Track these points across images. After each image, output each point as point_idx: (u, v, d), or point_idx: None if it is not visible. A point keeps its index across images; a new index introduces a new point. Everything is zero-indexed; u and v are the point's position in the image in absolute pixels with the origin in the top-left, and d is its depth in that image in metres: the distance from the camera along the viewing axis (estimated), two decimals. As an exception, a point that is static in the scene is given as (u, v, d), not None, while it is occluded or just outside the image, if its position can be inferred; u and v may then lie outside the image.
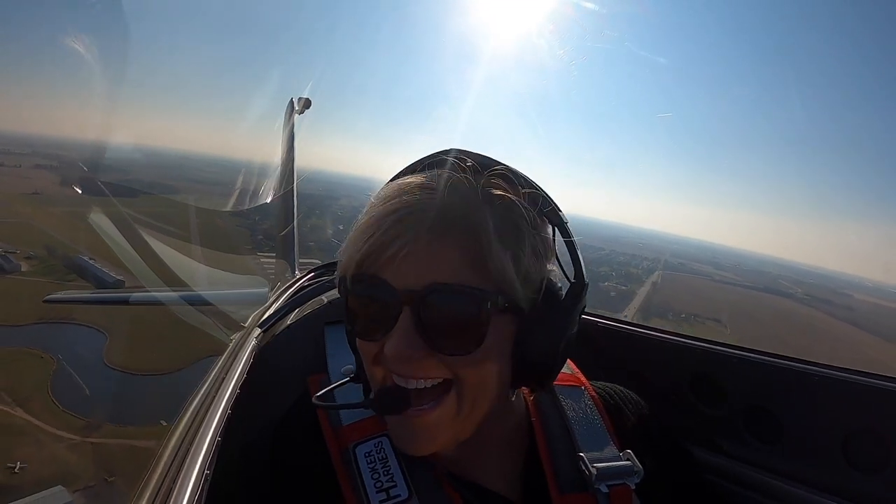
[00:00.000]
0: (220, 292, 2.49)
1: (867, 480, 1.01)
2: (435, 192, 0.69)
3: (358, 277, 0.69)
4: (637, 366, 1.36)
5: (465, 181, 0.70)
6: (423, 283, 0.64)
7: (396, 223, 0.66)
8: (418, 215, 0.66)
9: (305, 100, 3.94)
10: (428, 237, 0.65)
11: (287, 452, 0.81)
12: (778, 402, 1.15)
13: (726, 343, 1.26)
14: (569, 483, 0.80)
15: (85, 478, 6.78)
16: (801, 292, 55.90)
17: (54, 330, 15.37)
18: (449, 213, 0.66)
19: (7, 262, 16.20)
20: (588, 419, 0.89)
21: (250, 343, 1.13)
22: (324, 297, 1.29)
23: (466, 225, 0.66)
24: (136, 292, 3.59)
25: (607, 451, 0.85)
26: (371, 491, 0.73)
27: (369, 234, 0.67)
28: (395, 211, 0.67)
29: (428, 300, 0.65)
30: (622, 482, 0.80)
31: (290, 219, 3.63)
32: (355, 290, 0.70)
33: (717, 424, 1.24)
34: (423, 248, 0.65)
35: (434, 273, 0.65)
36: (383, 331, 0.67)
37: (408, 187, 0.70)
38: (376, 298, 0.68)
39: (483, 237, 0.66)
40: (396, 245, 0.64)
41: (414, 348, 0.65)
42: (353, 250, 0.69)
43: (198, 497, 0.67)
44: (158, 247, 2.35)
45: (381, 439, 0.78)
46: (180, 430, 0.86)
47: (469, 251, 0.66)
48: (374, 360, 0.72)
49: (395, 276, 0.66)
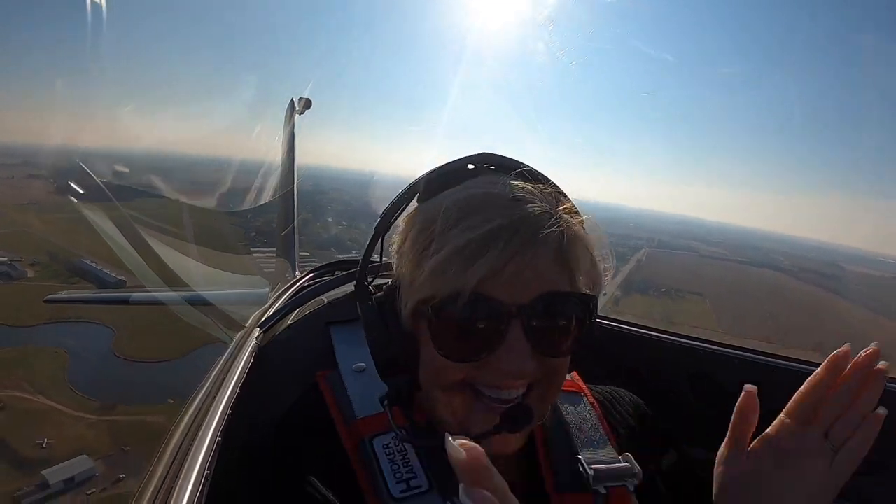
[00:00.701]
0: (220, 292, 2.49)
1: (867, 481, 1.01)
2: (525, 204, 0.69)
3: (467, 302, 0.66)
4: (636, 366, 1.36)
5: (539, 191, 0.73)
6: (532, 295, 0.67)
7: (496, 237, 0.65)
8: (522, 231, 0.67)
9: (306, 100, 3.95)
10: (532, 251, 0.67)
11: (296, 445, 0.81)
12: (778, 402, 1.15)
13: (726, 343, 1.27)
14: (567, 483, 0.81)
15: (104, 449, 7.80)
16: (789, 264, 56.02)
17: (65, 328, 16.23)
18: (544, 226, 0.68)
19: (14, 270, 17.25)
20: (586, 422, 0.90)
21: (250, 343, 1.13)
22: (324, 297, 1.29)
23: (557, 235, 0.69)
24: (137, 292, 3.59)
25: (606, 453, 0.86)
26: (391, 482, 0.73)
27: (478, 254, 0.65)
28: (494, 227, 0.66)
29: (537, 310, 0.67)
30: (621, 484, 0.81)
31: (290, 219, 3.63)
32: (463, 314, 0.67)
33: (716, 425, 1.24)
34: (529, 261, 0.67)
35: (539, 284, 0.67)
36: (487, 349, 0.67)
37: (497, 200, 0.69)
38: (483, 317, 0.67)
39: (572, 245, 0.70)
40: (512, 264, 0.65)
41: (528, 358, 0.67)
42: (453, 275, 0.66)
43: (198, 497, 0.67)
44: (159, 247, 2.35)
45: (399, 432, 0.78)
46: (180, 430, 0.87)
47: (558, 257, 0.69)
48: (459, 382, 0.71)
49: (501, 292, 0.66)
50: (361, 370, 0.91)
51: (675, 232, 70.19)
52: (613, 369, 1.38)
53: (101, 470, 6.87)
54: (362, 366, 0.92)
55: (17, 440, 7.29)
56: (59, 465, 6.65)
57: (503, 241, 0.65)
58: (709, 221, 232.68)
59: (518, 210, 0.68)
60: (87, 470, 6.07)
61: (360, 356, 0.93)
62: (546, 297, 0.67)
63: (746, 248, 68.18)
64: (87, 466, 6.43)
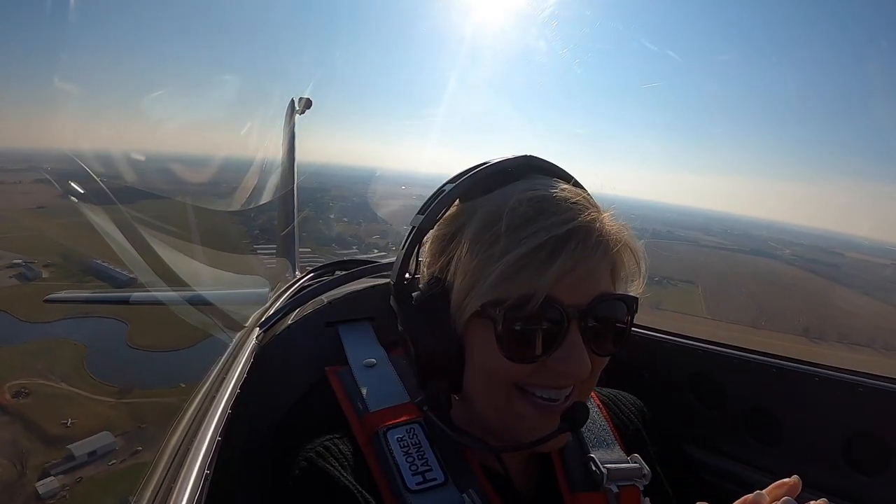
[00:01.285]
0: (221, 292, 2.49)
1: (868, 482, 1.01)
2: (584, 209, 0.71)
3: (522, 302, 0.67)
4: (637, 366, 1.36)
5: (588, 197, 0.76)
6: (588, 297, 0.69)
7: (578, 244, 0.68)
8: (589, 235, 0.69)
9: (306, 100, 3.94)
10: (595, 255, 0.69)
11: (304, 439, 0.80)
12: (778, 403, 1.14)
13: (726, 343, 1.26)
14: (580, 482, 0.82)
15: (123, 426, 8.94)
16: (789, 253, 55.68)
17: (80, 323, 17.51)
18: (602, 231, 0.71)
19: (30, 271, 18.45)
20: (595, 422, 0.91)
21: (250, 343, 1.13)
22: (324, 297, 1.29)
23: (611, 240, 0.72)
24: (137, 292, 3.61)
25: (615, 453, 0.87)
26: (406, 473, 0.73)
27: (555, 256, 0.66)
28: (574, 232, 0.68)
29: (592, 312, 0.69)
30: (631, 483, 0.82)
31: (290, 219, 3.64)
32: (534, 314, 0.67)
33: (717, 425, 1.24)
34: (590, 266, 0.70)
35: (593, 287, 0.70)
36: (547, 350, 0.69)
37: (563, 203, 0.71)
38: (545, 320, 0.69)
39: (623, 250, 0.73)
40: (580, 267, 0.68)
41: (586, 360, 0.70)
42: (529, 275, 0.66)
43: (198, 497, 0.67)
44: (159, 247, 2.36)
45: (413, 426, 0.78)
46: (180, 430, 0.87)
47: (610, 262, 0.73)
48: (514, 383, 0.72)
49: (566, 296, 0.68)
50: (372, 365, 0.92)
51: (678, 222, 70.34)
52: (613, 369, 1.37)
53: (121, 444, 8.00)
54: (373, 361, 0.93)
55: (45, 420, 8.34)
56: (83, 440, 7.71)
57: (576, 242, 0.67)
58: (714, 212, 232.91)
59: (583, 214, 0.70)
60: (109, 444, 7.21)
61: (370, 353, 0.95)
62: (600, 300, 0.70)
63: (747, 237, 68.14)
64: (109, 441, 7.56)
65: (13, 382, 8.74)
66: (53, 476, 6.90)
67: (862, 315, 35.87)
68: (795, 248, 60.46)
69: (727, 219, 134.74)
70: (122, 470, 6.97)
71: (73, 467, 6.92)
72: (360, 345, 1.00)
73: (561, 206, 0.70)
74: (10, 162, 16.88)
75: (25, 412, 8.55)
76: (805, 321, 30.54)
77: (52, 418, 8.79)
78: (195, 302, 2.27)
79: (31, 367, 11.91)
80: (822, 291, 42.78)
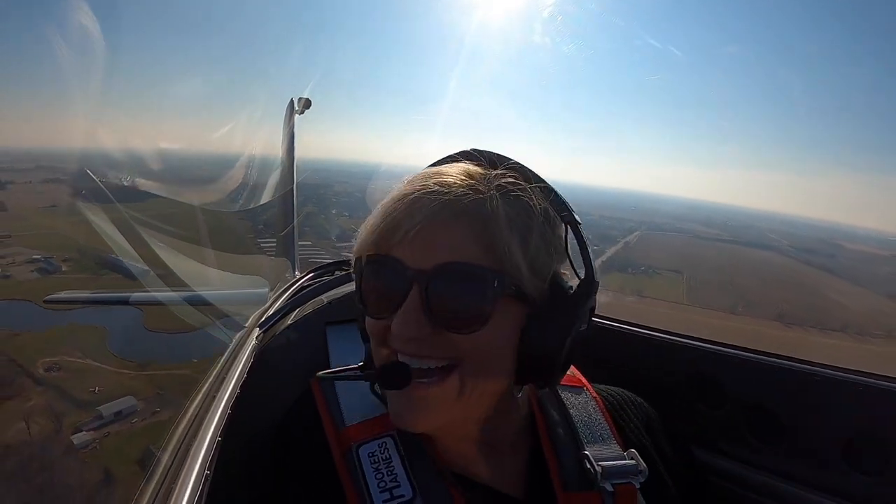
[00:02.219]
0: (221, 292, 2.49)
1: (868, 482, 1.01)
2: (448, 178, 0.72)
3: (372, 258, 0.72)
4: (637, 366, 1.36)
5: (477, 170, 0.75)
6: (434, 262, 0.67)
7: (410, 205, 0.69)
8: (431, 198, 0.69)
9: (306, 100, 3.93)
10: (440, 219, 0.68)
11: (288, 452, 0.81)
12: (779, 402, 1.14)
13: (726, 343, 1.26)
14: (574, 481, 0.80)
15: (143, 393, 10.58)
16: (786, 244, 56.51)
17: (99, 310, 18.95)
18: (460, 197, 0.69)
19: (49, 265, 19.56)
20: (591, 418, 0.89)
21: (250, 343, 1.13)
22: (324, 297, 1.29)
23: (477, 208, 0.69)
24: (137, 292, 3.62)
25: (611, 449, 0.84)
26: (374, 491, 0.72)
27: (384, 216, 0.71)
28: (409, 194, 0.70)
29: (437, 278, 0.67)
30: (627, 481, 0.80)
31: (290, 219, 3.64)
32: (368, 269, 0.72)
33: (717, 425, 1.24)
34: (435, 229, 0.68)
35: (445, 253, 0.67)
36: (392, 309, 0.69)
37: (422, 176, 0.73)
38: (387, 277, 0.70)
39: (492, 220, 0.69)
40: (408, 225, 0.67)
41: (420, 325, 0.67)
42: (367, 233, 0.73)
43: (198, 497, 0.67)
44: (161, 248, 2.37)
45: (385, 440, 0.78)
46: (180, 430, 0.87)
47: (478, 233, 0.68)
48: (381, 341, 0.73)
49: (407, 256, 0.68)
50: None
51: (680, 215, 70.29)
52: (613, 369, 1.37)
53: (142, 406, 9.81)
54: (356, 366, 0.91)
55: (75, 389, 9.74)
56: (109, 403, 9.15)
57: (404, 204, 0.69)
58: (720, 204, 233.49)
59: (433, 183, 0.70)
60: (131, 406, 9.28)
61: (355, 357, 0.92)
62: (448, 266, 0.67)
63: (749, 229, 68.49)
64: (132, 404, 9.87)
65: (45, 360, 10.40)
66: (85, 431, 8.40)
67: (845, 303, 36.51)
68: (795, 240, 60.77)
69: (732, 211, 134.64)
70: (144, 427, 8.57)
71: (101, 424, 8.45)
72: (347, 349, 0.99)
73: (416, 177, 0.73)
74: (17, 161, 18.52)
75: (58, 382, 10.22)
76: (784, 308, 31.04)
77: (81, 387, 10.47)
78: (195, 302, 2.27)
79: (59, 348, 13.70)
80: (811, 281, 43.39)
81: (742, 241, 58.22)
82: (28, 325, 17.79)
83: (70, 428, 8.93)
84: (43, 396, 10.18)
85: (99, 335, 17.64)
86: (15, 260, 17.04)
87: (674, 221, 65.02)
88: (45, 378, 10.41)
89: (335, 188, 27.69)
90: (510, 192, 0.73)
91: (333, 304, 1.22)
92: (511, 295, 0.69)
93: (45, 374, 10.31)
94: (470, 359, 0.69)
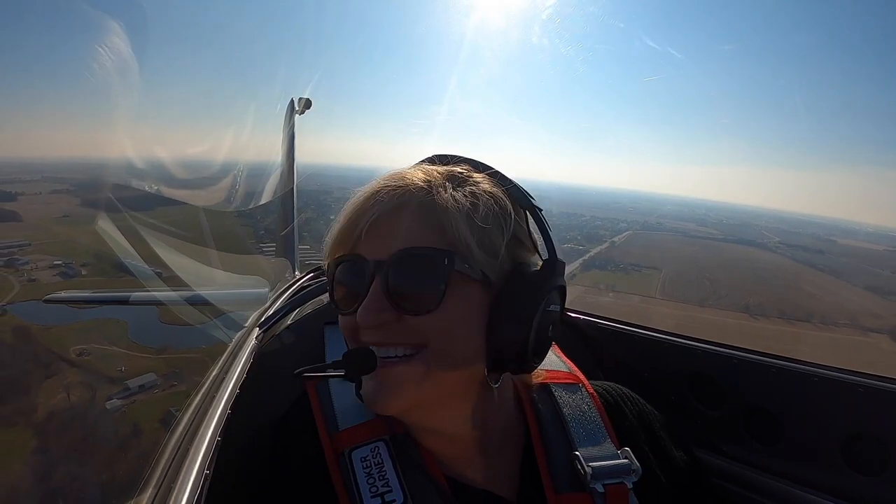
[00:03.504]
0: (221, 292, 2.49)
1: (867, 482, 1.01)
2: (400, 175, 0.77)
3: (337, 259, 0.76)
4: (637, 366, 1.36)
5: (431, 167, 0.79)
6: (390, 251, 0.71)
7: (364, 203, 0.74)
8: (382, 194, 0.74)
9: (306, 100, 3.94)
10: (392, 211, 0.72)
11: (283, 455, 0.81)
12: (778, 403, 1.15)
13: (726, 343, 1.26)
14: (565, 482, 0.80)
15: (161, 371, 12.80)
16: (777, 241, 57.38)
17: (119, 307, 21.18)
18: (409, 188, 0.74)
19: (70, 270, 21.78)
20: (585, 416, 0.88)
21: (250, 343, 1.13)
22: (324, 297, 1.29)
23: (425, 196, 0.73)
24: (137, 292, 3.62)
25: (604, 448, 0.84)
26: (366, 496, 0.73)
27: (345, 218, 0.76)
28: (365, 194, 0.76)
29: (393, 266, 0.70)
30: (619, 481, 0.79)
31: (290, 219, 3.64)
32: (335, 269, 0.76)
33: (716, 425, 1.24)
34: (389, 220, 0.72)
35: (399, 242, 0.71)
36: (359, 303, 0.72)
37: (378, 179, 0.78)
38: (352, 273, 0.74)
39: (439, 204, 0.72)
40: (363, 221, 0.72)
41: (380, 312, 0.70)
42: (331, 237, 0.78)
43: (198, 497, 0.67)
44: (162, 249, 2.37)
45: (378, 444, 0.78)
46: (180, 430, 0.87)
47: (427, 219, 0.72)
48: (353, 337, 0.76)
49: (367, 251, 0.73)
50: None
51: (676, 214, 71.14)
52: (613, 369, 1.38)
53: (161, 381, 11.95)
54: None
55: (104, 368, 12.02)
56: (135, 378, 11.35)
57: (357, 204, 0.75)
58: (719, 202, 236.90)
59: (392, 181, 0.75)
60: (152, 381, 10.66)
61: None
62: (401, 253, 0.70)
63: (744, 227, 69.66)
64: (153, 379, 11.22)
65: (76, 347, 13.06)
66: (116, 399, 10.85)
67: (819, 295, 37.68)
68: (788, 237, 61.70)
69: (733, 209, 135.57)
70: (164, 396, 10.82)
71: (129, 395, 10.83)
72: (343, 349, 0.99)
73: (377, 182, 0.77)
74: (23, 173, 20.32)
75: (89, 364, 12.80)
76: (752, 301, 31.98)
77: (109, 367, 13.06)
78: (195, 302, 2.27)
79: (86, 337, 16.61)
80: (790, 275, 44.40)
81: (733, 238, 59.25)
82: (58, 321, 20.17)
83: (103, 398, 11.47)
84: (77, 375, 12.60)
85: (121, 327, 20.36)
86: (38, 265, 18.99)
87: (669, 221, 65.79)
88: (78, 361, 12.87)
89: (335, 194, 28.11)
90: (458, 179, 0.77)
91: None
92: (466, 274, 0.70)
93: (78, 357, 12.79)
94: (434, 342, 0.71)
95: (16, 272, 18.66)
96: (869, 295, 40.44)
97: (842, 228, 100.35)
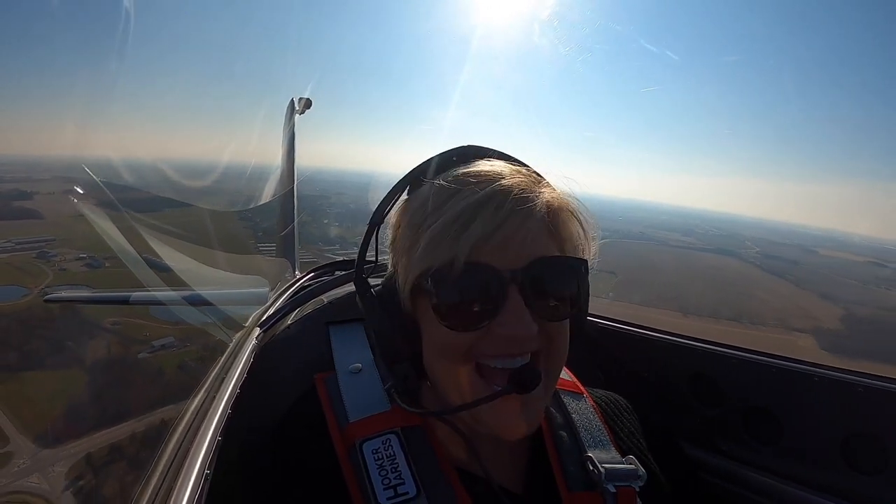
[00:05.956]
0: (221, 292, 2.48)
1: (866, 482, 1.01)
2: (509, 179, 0.72)
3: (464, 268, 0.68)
4: (637, 366, 1.36)
5: (518, 168, 0.76)
6: (525, 260, 0.68)
7: (480, 208, 0.68)
8: (510, 198, 0.69)
9: (306, 100, 3.94)
10: (521, 218, 0.69)
11: (291, 450, 0.81)
12: (777, 402, 1.15)
13: (726, 343, 1.26)
14: (577, 481, 0.81)
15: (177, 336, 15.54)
16: (755, 251, 59.00)
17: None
18: (530, 196, 0.70)
19: (95, 262, 23.80)
20: (591, 424, 0.90)
21: (250, 343, 1.13)
22: (324, 297, 1.29)
23: (544, 205, 0.71)
24: (137, 292, 3.62)
25: (611, 454, 0.86)
26: (378, 488, 0.72)
27: (470, 221, 0.68)
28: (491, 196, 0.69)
29: (531, 274, 0.68)
30: (628, 484, 0.81)
31: (290, 219, 3.64)
32: (461, 281, 0.68)
33: (716, 425, 1.24)
34: (519, 228, 0.69)
35: (531, 250, 0.69)
36: (489, 317, 0.68)
37: (484, 176, 0.73)
38: (480, 284, 0.68)
39: (560, 214, 0.73)
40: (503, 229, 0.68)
41: (528, 322, 0.67)
42: (448, 243, 0.68)
43: (198, 497, 0.67)
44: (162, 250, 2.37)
45: (389, 436, 0.78)
46: (180, 430, 0.87)
47: (550, 228, 0.72)
48: (463, 356, 0.70)
49: (497, 260, 0.68)
50: (358, 371, 0.90)
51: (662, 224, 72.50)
52: (613, 369, 1.38)
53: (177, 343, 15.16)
54: (358, 366, 0.91)
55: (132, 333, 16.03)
56: (158, 339, 14.99)
57: (493, 206, 0.68)
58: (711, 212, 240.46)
59: (505, 181, 0.71)
60: (171, 342, 14.58)
61: (358, 356, 0.93)
62: (539, 262, 0.69)
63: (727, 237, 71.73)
64: (171, 340, 15.05)
65: (108, 319, 16.11)
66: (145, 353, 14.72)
67: (768, 299, 39.04)
68: (769, 248, 63.08)
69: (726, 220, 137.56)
70: (180, 353, 14.03)
71: (153, 351, 14.65)
72: (350, 348, 0.98)
73: (481, 177, 0.72)
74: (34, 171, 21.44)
75: (121, 331, 15.97)
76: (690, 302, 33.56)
77: (136, 333, 16.26)
78: (195, 302, 2.26)
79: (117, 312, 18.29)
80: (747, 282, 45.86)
81: (711, 248, 60.74)
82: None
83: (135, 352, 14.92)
84: (111, 340, 15.78)
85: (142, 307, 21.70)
86: (65, 258, 21.42)
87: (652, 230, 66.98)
88: (113, 328, 16.14)
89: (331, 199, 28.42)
90: (546, 182, 0.77)
91: (333, 304, 1.21)
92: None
93: (112, 326, 16.13)
94: (556, 342, 0.72)
95: (48, 262, 20.71)
96: (819, 301, 41.67)
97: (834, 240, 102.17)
